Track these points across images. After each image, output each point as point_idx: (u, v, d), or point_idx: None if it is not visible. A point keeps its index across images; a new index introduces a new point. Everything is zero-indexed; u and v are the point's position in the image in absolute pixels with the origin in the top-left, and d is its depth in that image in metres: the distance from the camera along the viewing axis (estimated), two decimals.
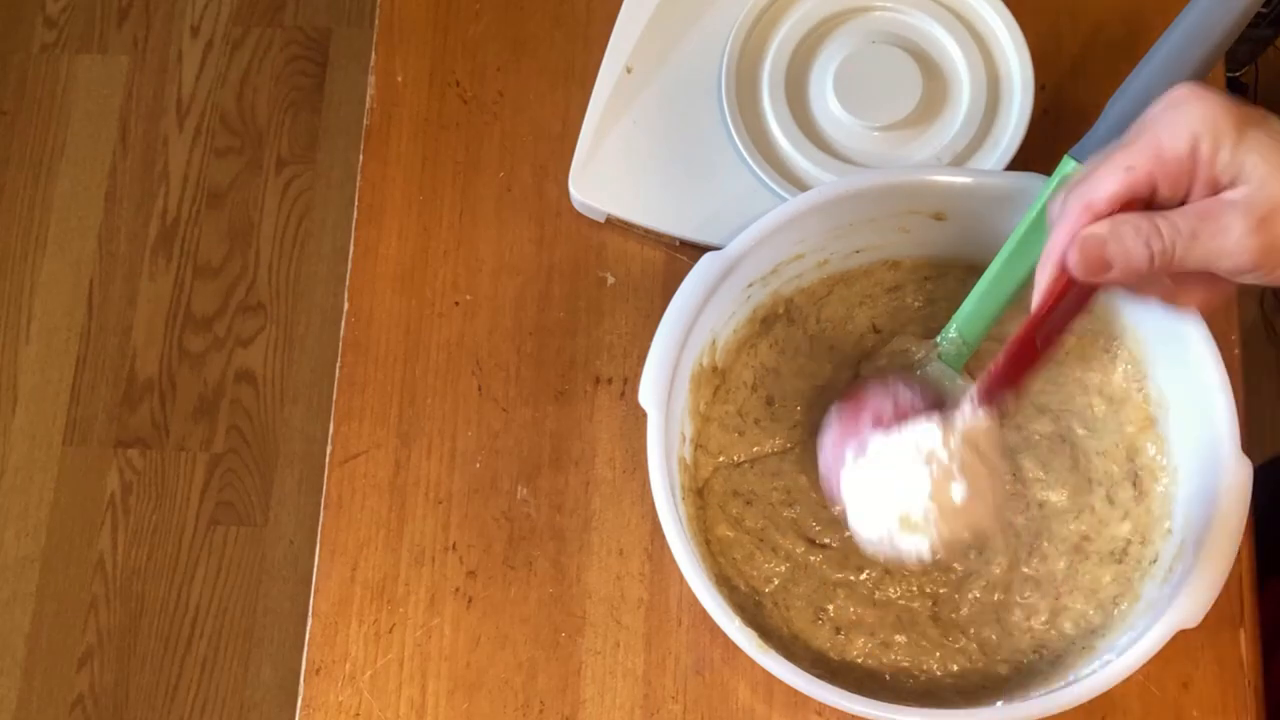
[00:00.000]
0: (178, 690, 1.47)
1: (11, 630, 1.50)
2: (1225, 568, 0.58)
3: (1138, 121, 0.51)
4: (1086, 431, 0.66)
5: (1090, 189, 0.50)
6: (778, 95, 0.72)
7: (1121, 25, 0.75)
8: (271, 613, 1.49)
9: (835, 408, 0.62)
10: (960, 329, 0.65)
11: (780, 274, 0.67)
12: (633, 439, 0.70)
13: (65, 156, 1.66)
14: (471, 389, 0.71)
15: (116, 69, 1.69)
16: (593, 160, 0.72)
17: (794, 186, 0.70)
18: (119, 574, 1.51)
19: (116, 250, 1.62)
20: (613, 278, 0.73)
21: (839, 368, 0.68)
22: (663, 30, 0.74)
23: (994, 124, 0.72)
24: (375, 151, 0.75)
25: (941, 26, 0.73)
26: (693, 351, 0.64)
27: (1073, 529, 0.65)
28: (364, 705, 0.67)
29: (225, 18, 1.70)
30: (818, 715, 0.66)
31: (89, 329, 1.60)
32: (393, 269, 0.73)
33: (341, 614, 0.68)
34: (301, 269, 1.61)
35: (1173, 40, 0.59)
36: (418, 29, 0.77)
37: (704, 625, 0.67)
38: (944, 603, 0.65)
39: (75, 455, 1.55)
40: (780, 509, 0.66)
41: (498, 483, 0.70)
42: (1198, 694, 0.65)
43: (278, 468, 1.53)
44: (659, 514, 0.60)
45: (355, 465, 0.70)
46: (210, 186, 1.64)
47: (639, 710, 0.66)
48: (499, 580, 0.69)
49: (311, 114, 1.66)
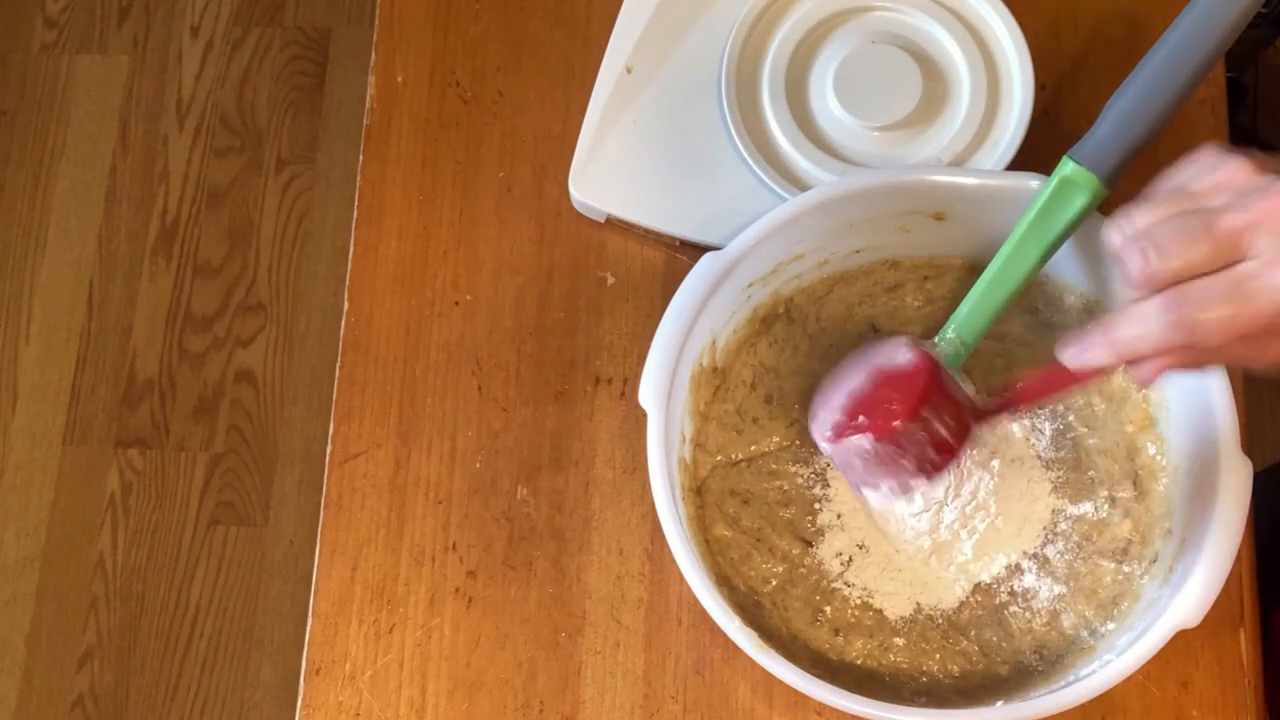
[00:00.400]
0: (178, 690, 1.47)
1: (11, 630, 1.50)
2: (1225, 568, 0.58)
3: (1168, 180, 0.50)
4: (1087, 430, 0.66)
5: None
6: (778, 95, 0.72)
7: (1121, 25, 0.75)
8: (271, 613, 1.49)
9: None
10: (958, 329, 0.65)
11: (780, 274, 0.67)
12: (633, 439, 0.70)
13: (65, 156, 1.66)
14: (471, 389, 0.71)
15: (116, 69, 1.69)
16: (593, 160, 0.72)
17: (794, 186, 0.70)
18: (119, 574, 1.51)
19: (116, 250, 1.62)
20: (613, 278, 0.73)
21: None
22: (663, 30, 0.74)
23: (994, 124, 0.72)
24: (375, 151, 0.75)
25: (941, 26, 0.73)
26: (693, 351, 0.64)
27: (1074, 528, 0.65)
28: (364, 705, 0.67)
29: (225, 18, 1.70)
30: (818, 715, 0.66)
31: (89, 329, 1.60)
32: (393, 269, 0.73)
33: (341, 614, 0.68)
34: (301, 269, 1.61)
35: (1173, 40, 0.59)
36: (418, 29, 0.77)
37: (704, 625, 0.67)
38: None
39: (75, 455, 1.55)
40: (777, 509, 0.66)
41: (498, 483, 0.70)
42: (1198, 694, 0.65)
43: (278, 468, 1.53)
44: (659, 514, 0.60)
45: (355, 465, 0.70)
46: (210, 186, 1.64)
47: (639, 710, 0.66)
48: (499, 580, 0.69)
49: (311, 114, 1.66)
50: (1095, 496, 0.65)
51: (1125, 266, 0.49)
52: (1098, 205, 0.61)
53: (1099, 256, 0.64)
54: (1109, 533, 0.65)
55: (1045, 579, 0.64)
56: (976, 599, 0.64)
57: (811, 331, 0.69)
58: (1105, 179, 0.60)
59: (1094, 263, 0.64)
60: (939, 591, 0.65)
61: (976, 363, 0.68)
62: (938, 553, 0.64)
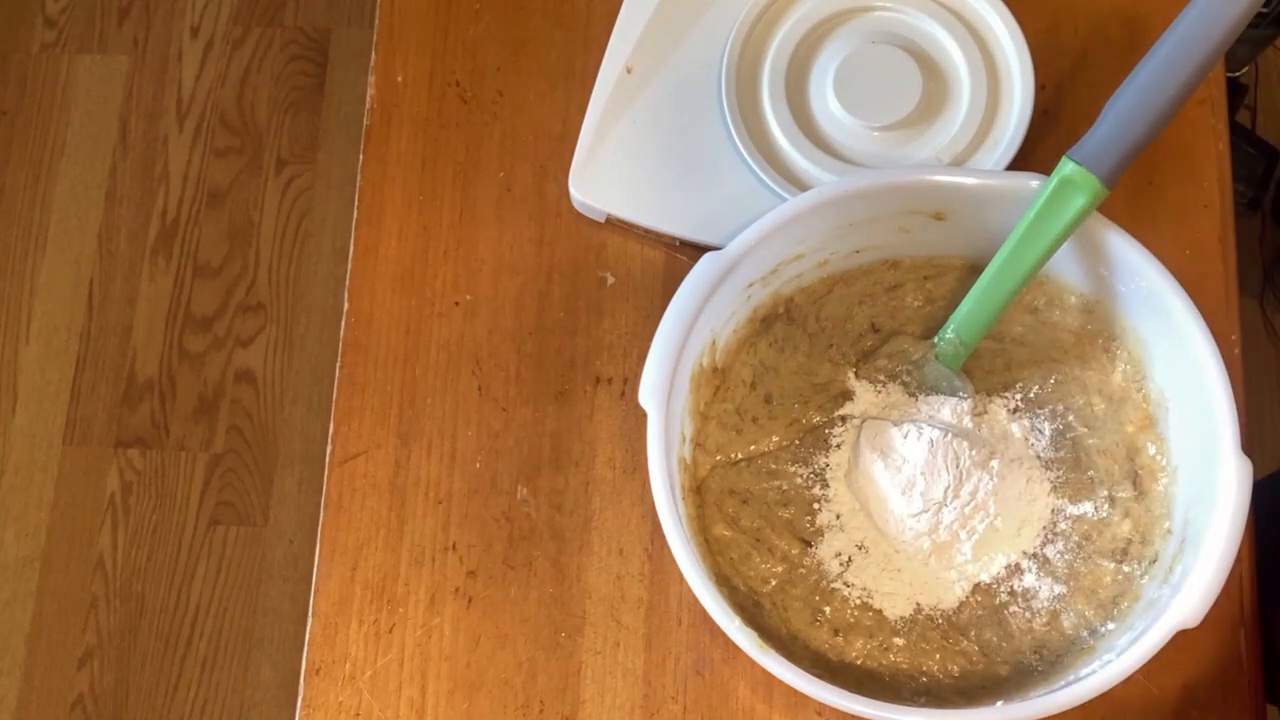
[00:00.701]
0: (178, 690, 1.47)
1: (11, 630, 1.50)
2: (1225, 568, 0.58)
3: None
4: (1087, 430, 0.66)
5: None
6: (778, 95, 0.72)
7: (1121, 25, 0.75)
8: (271, 613, 1.49)
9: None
10: (958, 329, 0.65)
11: (780, 274, 0.67)
12: (633, 439, 0.70)
13: (65, 156, 1.66)
14: (471, 389, 0.71)
15: (116, 69, 1.69)
16: (593, 160, 0.72)
17: (794, 186, 0.70)
18: (119, 574, 1.51)
19: (116, 250, 1.62)
20: (613, 278, 0.73)
21: (838, 366, 0.68)
22: (663, 30, 0.74)
23: (994, 124, 0.72)
24: (375, 151, 0.75)
25: (941, 26, 0.73)
26: (693, 351, 0.64)
27: (1073, 528, 0.65)
28: (364, 705, 0.67)
29: (225, 18, 1.70)
30: (818, 715, 0.66)
31: (89, 329, 1.60)
32: (393, 269, 0.73)
33: (341, 614, 0.68)
34: (301, 269, 1.61)
35: (1173, 40, 0.59)
36: (418, 29, 0.77)
37: (704, 625, 0.67)
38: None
39: (75, 455, 1.55)
40: (775, 509, 0.66)
41: (498, 483, 0.70)
42: (1198, 694, 0.65)
43: (278, 468, 1.53)
44: (659, 514, 0.60)
45: (355, 465, 0.70)
46: (210, 186, 1.64)
47: (639, 710, 0.66)
48: (499, 580, 0.69)
49: (311, 114, 1.66)
50: (1095, 496, 0.65)
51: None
52: (1097, 205, 0.61)
53: (1099, 256, 0.64)
54: (1109, 533, 0.65)
55: (1045, 579, 0.64)
56: (976, 599, 0.64)
57: (811, 331, 0.69)
58: (1105, 179, 0.60)
59: (1094, 263, 0.64)
60: (939, 592, 0.65)
61: (976, 363, 0.68)
62: (937, 553, 0.64)
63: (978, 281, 0.64)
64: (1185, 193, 0.72)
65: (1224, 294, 0.71)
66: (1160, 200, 0.72)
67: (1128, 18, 0.75)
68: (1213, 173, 0.73)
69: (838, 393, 0.68)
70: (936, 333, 0.67)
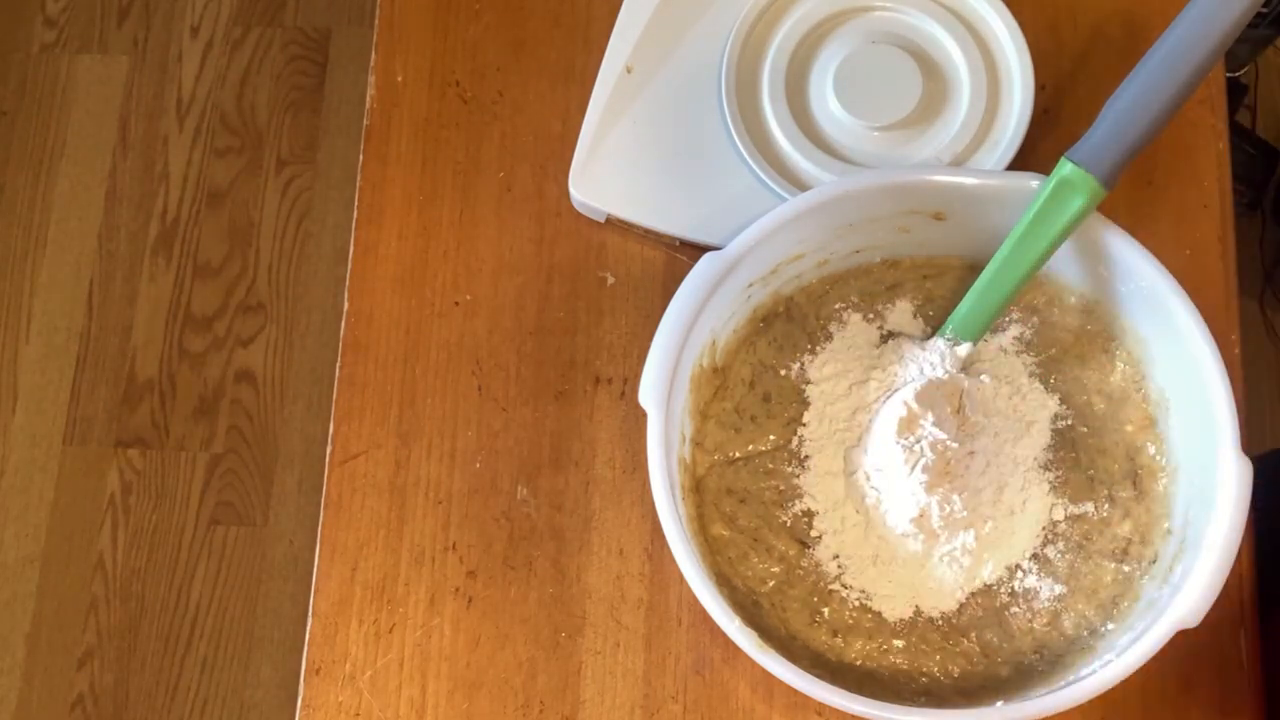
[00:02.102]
0: (178, 690, 1.47)
1: (11, 630, 1.50)
2: (1225, 568, 0.58)
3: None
4: (1087, 430, 0.66)
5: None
6: (778, 95, 0.72)
7: (1121, 25, 0.75)
8: (271, 613, 1.49)
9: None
10: (957, 329, 0.65)
11: (780, 274, 0.67)
12: (633, 439, 0.70)
13: (65, 156, 1.66)
14: (471, 389, 0.71)
15: (116, 69, 1.69)
16: (593, 160, 0.72)
17: (794, 186, 0.70)
18: (119, 574, 1.51)
19: (116, 250, 1.62)
20: (613, 278, 0.73)
21: None
22: (663, 30, 0.74)
23: (994, 124, 0.72)
24: (375, 151, 0.75)
25: (941, 26, 0.73)
26: (693, 351, 0.64)
27: (1073, 528, 0.65)
28: (364, 705, 0.67)
29: (225, 18, 1.70)
30: (818, 715, 0.66)
31: (89, 329, 1.60)
32: (393, 269, 0.73)
33: (341, 614, 0.68)
34: (301, 269, 1.61)
35: (1173, 40, 0.59)
36: (418, 29, 0.77)
37: (704, 625, 0.67)
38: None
39: (75, 455, 1.55)
40: (773, 508, 0.66)
41: (498, 483, 0.70)
42: (1198, 694, 0.65)
43: (278, 468, 1.53)
44: (659, 514, 0.60)
45: (355, 465, 0.70)
46: (210, 186, 1.64)
47: (639, 710, 0.66)
48: (499, 580, 0.69)
49: (311, 114, 1.66)
50: (1095, 496, 0.65)
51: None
52: (1096, 205, 0.61)
53: (1099, 256, 0.64)
54: (1109, 533, 0.65)
55: (1045, 579, 0.64)
56: (977, 600, 0.64)
57: (811, 331, 0.69)
58: (1103, 180, 0.60)
59: (1094, 262, 0.64)
60: (938, 594, 0.64)
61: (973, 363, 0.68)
62: (936, 555, 0.64)
63: (977, 281, 0.64)
64: (1185, 193, 0.72)
65: (1224, 294, 0.71)
66: (1160, 200, 0.72)
67: (1128, 18, 0.75)
68: (1213, 173, 0.73)
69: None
70: (936, 332, 0.67)
